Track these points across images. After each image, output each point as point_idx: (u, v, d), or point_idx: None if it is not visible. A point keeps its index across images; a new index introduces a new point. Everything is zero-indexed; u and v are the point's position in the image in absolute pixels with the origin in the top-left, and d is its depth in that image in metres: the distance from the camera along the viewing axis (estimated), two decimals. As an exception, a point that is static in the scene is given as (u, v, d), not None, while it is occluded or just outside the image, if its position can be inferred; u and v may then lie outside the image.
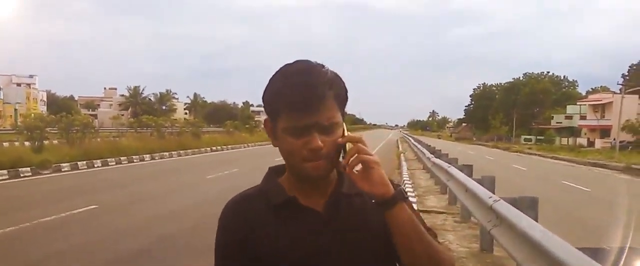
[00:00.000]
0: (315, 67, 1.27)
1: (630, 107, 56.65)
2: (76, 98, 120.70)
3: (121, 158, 23.16)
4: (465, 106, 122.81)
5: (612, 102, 60.53)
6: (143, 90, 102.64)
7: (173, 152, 28.91)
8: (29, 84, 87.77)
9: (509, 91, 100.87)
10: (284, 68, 1.30)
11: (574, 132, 74.84)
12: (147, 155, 25.83)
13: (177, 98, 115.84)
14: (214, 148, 35.62)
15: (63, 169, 18.74)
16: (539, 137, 76.75)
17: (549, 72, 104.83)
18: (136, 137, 30.82)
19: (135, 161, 24.02)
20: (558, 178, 23.78)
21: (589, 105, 74.28)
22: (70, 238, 8.28)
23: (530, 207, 5.34)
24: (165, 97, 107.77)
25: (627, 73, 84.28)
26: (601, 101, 69.87)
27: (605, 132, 65.40)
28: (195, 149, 32.43)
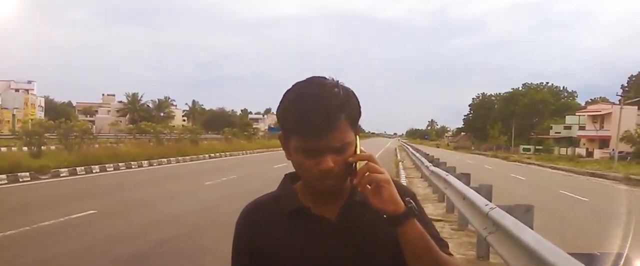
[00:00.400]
0: (327, 88, 1.26)
1: (629, 118, 56.72)
2: (74, 104, 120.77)
3: (119, 164, 23.17)
4: (464, 115, 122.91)
5: (611, 113, 60.69)
6: (141, 96, 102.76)
7: (171, 159, 28.92)
8: (28, 90, 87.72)
9: (508, 101, 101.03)
10: (297, 88, 1.29)
11: (573, 142, 74.95)
12: (146, 161, 25.85)
13: (176, 105, 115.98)
14: (212, 155, 35.65)
15: (61, 174, 18.77)
16: (537, 147, 76.76)
17: (548, 83, 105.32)
18: (134, 143, 30.86)
19: (133, 167, 24.03)
20: (556, 187, 23.82)
21: (588, 115, 74.49)
22: (70, 242, 8.31)
23: (525, 215, 5.40)
24: (164, 104, 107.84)
25: (627, 85, 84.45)
26: (600, 112, 70.09)
27: (604, 143, 65.49)
28: (194, 156, 32.44)
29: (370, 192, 1.24)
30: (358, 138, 1.31)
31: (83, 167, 20.37)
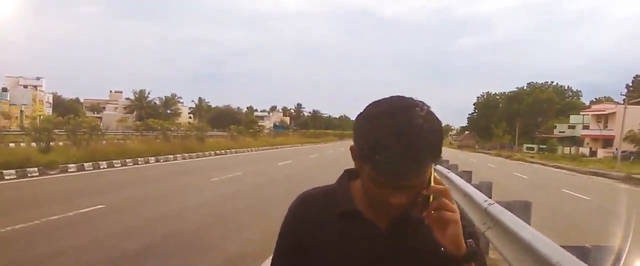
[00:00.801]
0: (413, 126, 1.14)
1: (634, 118, 56.56)
2: (82, 101, 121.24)
3: (127, 160, 23.38)
4: (469, 114, 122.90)
5: (615, 113, 60.58)
6: (148, 93, 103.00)
7: (178, 155, 29.12)
8: (36, 86, 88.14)
9: (513, 100, 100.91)
10: (381, 116, 1.17)
11: (577, 141, 74.89)
12: (152, 158, 26.04)
13: (182, 102, 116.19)
14: (218, 152, 35.86)
15: (70, 170, 18.98)
16: (541, 146, 76.79)
17: (552, 82, 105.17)
18: (142, 140, 31.05)
19: (140, 163, 24.23)
20: (558, 186, 23.96)
21: (592, 115, 74.36)
22: (78, 235, 8.48)
23: (523, 210, 5.57)
24: (170, 101, 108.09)
25: (632, 84, 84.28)
26: (604, 111, 69.91)
27: (607, 142, 65.42)
28: (200, 152, 32.64)
29: (436, 227, 1.20)
30: (433, 170, 1.21)
31: (91, 163, 20.54)
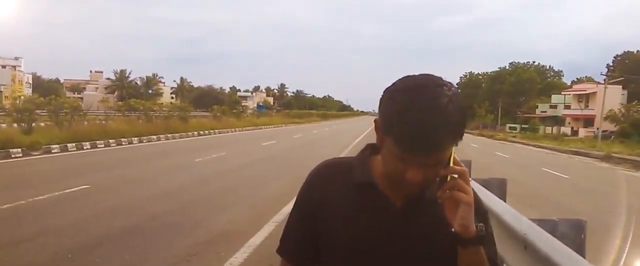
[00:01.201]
0: (439, 103, 1.16)
1: (614, 97, 57.44)
2: (61, 81, 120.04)
3: (110, 140, 23.34)
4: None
5: (596, 92, 61.31)
6: (129, 73, 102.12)
7: (161, 136, 29.12)
8: (15, 66, 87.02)
9: (495, 80, 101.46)
10: (408, 91, 1.19)
11: (558, 121, 75.64)
12: (136, 138, 26.03)
13: (164, 82, 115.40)
14: (202, 132, 35.81)
15: (53, 151, 18.96)
16: (523, 126, 77.48)
17: (534, 62, 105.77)
18: (124, 121, 30.90)
19: (123, 144, 24.22)
20: (538, 165, 24.37)
21: (574, 95, 75.19)
22: (65, 215, 8.58)
23: (498, 187, 5.79)
24: (152, 81, 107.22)
25: (612, 64, 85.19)
26: (585, 91, 70.78)
27: (588, 122, 66.20)
28: (183, 133, 32.61)
29: (449, 206, 1.22)
30: (453, 150, 1.23)
31: (74, 144, 20.54)
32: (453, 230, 1.22)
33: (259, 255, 6.51)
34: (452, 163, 1.21)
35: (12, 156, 16.83)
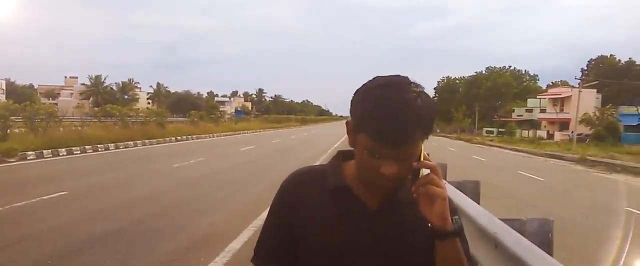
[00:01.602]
0: (409, 100, 1.23)
1: (588, 101, 58.40)
2: (36, 87, 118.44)
3: (86, 147, 23.17)
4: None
5: (571, 96, 62.25)
6: (105, 79, 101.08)
7: (138, 142, 28.97)
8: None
9: (472, 85, 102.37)
10: (379, 89, 1.25)
11: (535, 124, 76.58)
12: (112, 145, 25.86)
13: (140, 88, 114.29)
14: (179, 138, 35.74)
15: (29, 158, 18.81)
16: (500, 130, 78.26)
17: (510, 67, 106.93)
18: (100, 127, 30.67)
19: (100, 150, 24.07)
20: (515, 168, 24.65)
21: (549, 99, 76.26)
22: (44, 221, 8.54)
23: (472, 190, 5.96)
24: (128, 87, 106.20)
25: (586, 68, 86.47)
26: (560, 95, 71.85)
27: (564, 125, 67.12)
28: (161, 139, 32.50)
29: (424, 202, 1.26)
30: (423, 148, 1.29)
31: (50, 150, 20.37)
32: (430, 225, 1.26)
33: (238, 260, 6.58)
34: (423, 160, 1.27)
35: (-12, 163, 16.68)
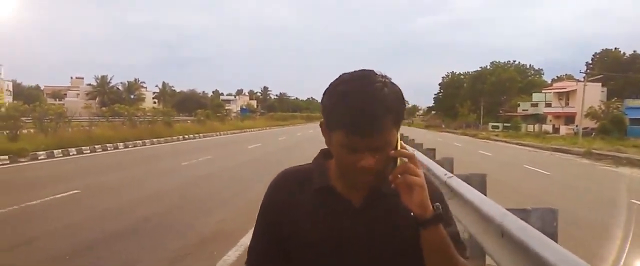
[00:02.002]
0: (375, 88, 1.25)
1: (593, 95, 58.30)
2: (42, 88, 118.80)
3: (96, 146, 23.44)
4: (435, 94, 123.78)
5: (576, 90, 62.10)
6: (111, 79, 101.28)
7: (146, 140, 29.20)
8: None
9: (477, 79, 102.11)
10: (345, 82, 1.28)
11: (540, 119, 76.42)
12: (121, 144, 26.09)
13: (146, 87, 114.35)
14: (186, 136, 35.98)
15: (40, 157, 19.03)
16: (506, 124, 78.07)
17: (515, 61, 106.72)
18: (108, 126, 30.94)
19: (109, 149, 24.31)
20: (520, 162, 24.71)
21: (554, 93, 76.21)
22: (57, 219, 8.70)
23: (479, 182, 6.09)
24: (134, 86, 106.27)
25: (591, 62, 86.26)
26: (565, 89, 71.68)
27: (569, 119, 67.05)
28: (168, 137, 32.77)
29: (403, 191, 1.27)
30: (399, 134, 1.31)
31: (60, 150, 20.59)
32: (412, 213, 1.27)
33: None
34: (400, 148, 1.28)
35: (0, 163, 16.88)
